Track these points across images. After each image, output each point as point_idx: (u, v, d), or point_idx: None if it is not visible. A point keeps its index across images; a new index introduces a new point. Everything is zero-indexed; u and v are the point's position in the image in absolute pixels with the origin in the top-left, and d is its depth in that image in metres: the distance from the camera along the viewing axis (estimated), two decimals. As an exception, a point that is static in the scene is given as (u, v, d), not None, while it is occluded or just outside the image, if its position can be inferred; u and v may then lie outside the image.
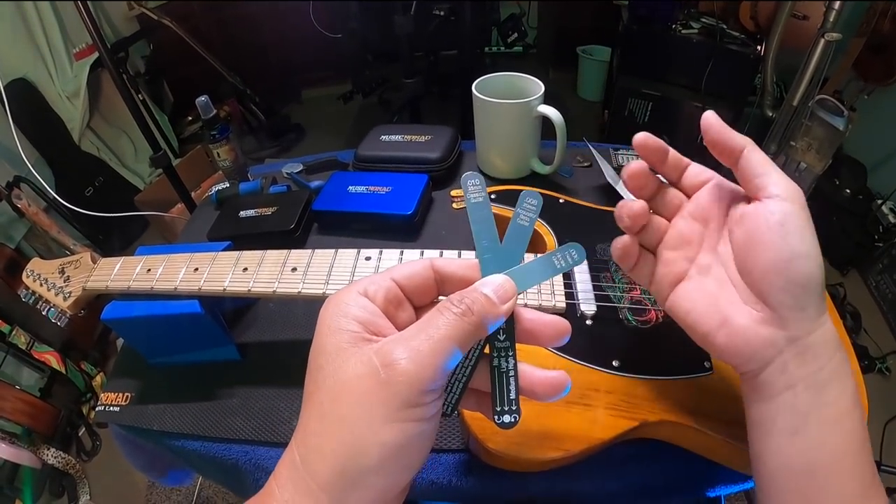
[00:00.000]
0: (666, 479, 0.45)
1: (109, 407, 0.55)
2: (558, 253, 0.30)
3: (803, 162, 1.42)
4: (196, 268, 0.50)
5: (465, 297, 0.27)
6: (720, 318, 0.31)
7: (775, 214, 0.29)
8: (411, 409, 0.24)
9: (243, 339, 0.58)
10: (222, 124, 0.79)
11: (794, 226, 0.29)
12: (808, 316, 0.29)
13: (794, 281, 0.29)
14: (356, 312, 0.27)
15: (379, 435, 0.24)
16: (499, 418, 0.28)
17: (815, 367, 0.29)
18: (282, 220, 0.68)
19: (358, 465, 0.24)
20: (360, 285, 0.28)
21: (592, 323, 0.47)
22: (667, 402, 0.41)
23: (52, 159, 1.90)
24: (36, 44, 1.90)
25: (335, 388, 0.25)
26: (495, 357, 0.29)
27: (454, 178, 0.79)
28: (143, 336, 0.55)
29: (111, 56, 0.98)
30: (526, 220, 0.31)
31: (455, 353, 0.25)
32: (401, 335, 0.26)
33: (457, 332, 0.25)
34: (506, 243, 0.30)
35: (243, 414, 0.52)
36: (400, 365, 0.24)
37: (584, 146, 0.80)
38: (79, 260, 0.55)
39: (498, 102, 0.68)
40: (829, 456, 0.29)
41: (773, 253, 0.29)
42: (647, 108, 1.91)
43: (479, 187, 0.31)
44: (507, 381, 0.28)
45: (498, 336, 0.29)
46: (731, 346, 0.31)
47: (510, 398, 0.28)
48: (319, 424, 0.25)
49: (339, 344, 0.26)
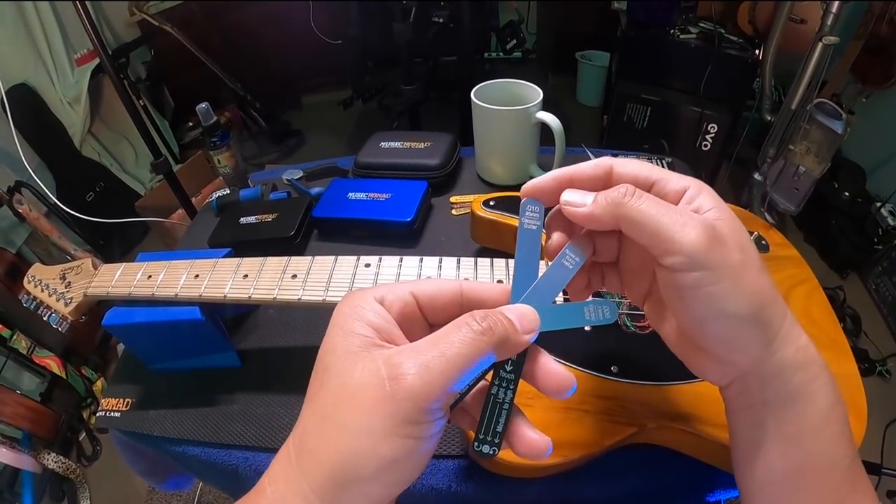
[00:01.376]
0: (665, 484, 0.45)
1: (110, 412, 0.55)
2: (591, 305, 0.29)
3: (802, 165, 1.42)
4: (197, 274, 0.50)
5: (488, 315, 0.26)
6: (679, 348, 0.31)
7: (677, 291, 0.27)
8: (413, 426, 0.24)
9: (244, 346, 0.59)
10: (223, 131, 0.79)
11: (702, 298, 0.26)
12: (749, 354, 0.28)
13: (717, 339, 0.28)
14: (371, 317, 0.26)
15: (377, 448, 0.23)
16: (478, 446, 0.27)
17: (769, 390, 0.28)
18: (282, 226, 0.69)
19: (352, 475, 0.23)
20: (378, 291, 0.28)
21: (591, 329, 0.47)
22: (665, 408, 0.41)
23: (54, 164, 1.91)
24: (37, 49, 1.91)
25: (340, 393, 0.25)
26: (496, 386, 0.28)
27: (453, 184, 0.79)
28: (144, 342, 0.55)
29: (112, 62, 0.99)
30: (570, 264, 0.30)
31: (465, 374, 0.24)
32: (413, 346, 0.25)
33: (471, 351, 0.24)
34: (543, 280, 0.29)
35: (244, 420, 0.52)
36: (406, 380, 0.23)
37: (582, 152, 0.81)
38: (80, 266, 0.55)
39: (497, 109, 0.68)
40: (787, 470, 0.29)
41: (685, 318, 0.28)
42: (646, 113, 1.91)
43: (537, 215, 0.30)
44: (500, 413, 0.27)
45: (505, 366, 0.28)
46: (694, 371, 0.31)
47: (496, 430, 0.27)
48: (319, 426, 0.25)
49: (349, 347, 0.25)
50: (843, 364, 0.45)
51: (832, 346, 0.46)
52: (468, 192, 0.76)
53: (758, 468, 0.30)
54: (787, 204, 1.51)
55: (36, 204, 1.69)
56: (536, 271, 0.29)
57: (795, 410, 0.28)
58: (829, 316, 0.49)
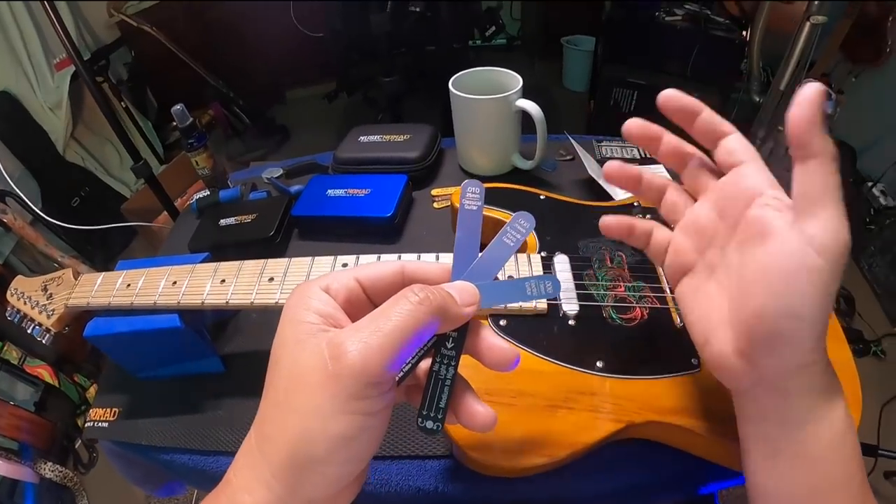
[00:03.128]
0: (656, 479, 0.44)
1: (98, 423, 0.55)
2: (533, 281, 0.30)
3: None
4: (174, 281, 0.49)
5: (425, 288, 0.26)
6: (705, 336, 0.31)
7: (792, 260, 0.26)
8: (358, 402, 0.24)
9: (227, 351, 0.58)
10: (199, 132, 0.78)
11: (806, 283, 0.25)
12: (785, 366, 0.27)
13: (777, 337, 0.27)
14: (317, 306, 0.27)
15: (327, 427, 0.24)
16: (422, 422, 0.28)
17: (787, 407, 0.28)
18: (261, 227, 0.68)
19: (307, 455, 0.24)
20: (322, 281, 0.28)
21: (575, 323, 0.46)
22: (653, 402, 0.40)
23: (38, 171, 1.88)
24: (16, 55, 1.87)
25: (290, 379, 0.25)
26: (437, 363, 0.28)
27: (435, 177, 0.78)
28: (126, 352, 0.55)
29: (90, 65, 0.96)
30: (511, 241, 0.31)
31: (406, 346, 0.25)
32: (354, 325, 0.26)
33: (409, 323, 0.25)
34: (483, 258, 0.30)
35: (230, 426, 0.51)
36: (347, 357, 0.24)
37: (565, 139, 0.80)
38: (61, 276, 0.55)
39: (475, 98, 0.67)
40: (801, 490, 0.29)
41: (767, 300, 0.26)
42: (633, 97, 1.89)
43: (477, 196, 0.31)
44: (443, 389, 0.28)
45: (446, 343, 0.29)
46: (710, 365, 0.31)
47: (439, 406, 0.28)
48: (273, 413, 0.26)
49: (297, 335, 0.26)
50: (837, 349, 0.44)
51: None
52: (450, 184, 0.75)
53: (770, 481, 0.30)
54: (778, 186, 1.51)
55: (21, 213, 1.67)
56: (477, 250, 0.30)
57: (813, 430, 0.28)
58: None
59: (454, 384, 0.28)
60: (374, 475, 0.46)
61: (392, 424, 0.48)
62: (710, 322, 0.30)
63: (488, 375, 0.29)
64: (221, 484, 0.26)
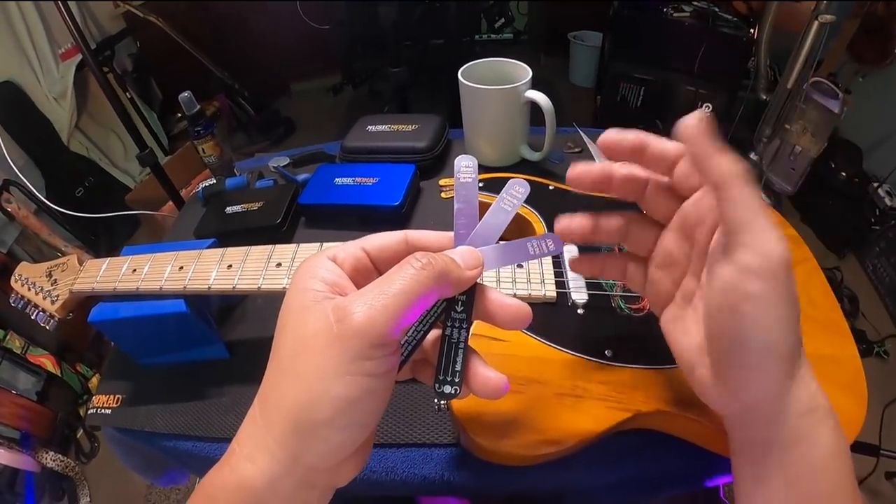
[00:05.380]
0: (663, 470, 0.44)
1: (101, 409, 0.55)
2: (535, 241, 0.30)
3: (798, 145, 1.40)
4: (181, 266, 0.49)
5: (428, 254, 0.27)
6: (690, 364, 0.30)
7: (731, 296, 0.25)
8: (361, 363, 0.24)
9: (232, 337, 0.58)
10: (206, 120, 0.78)
11: (751, 311, 0.25)
12: (762, 392, 0.27)
13: (743, 368, 0.27)
14: (324, 274, 0.27)
15: (330, 388, 0.24)
16: (439, 387, 0.28)
17: (773, 429, 0.28)
18: (268, 214, 0.67)
19: (310, 419, 0.24)
20: (329, 251, 0.29)
21: (584, 312, 0.46)
22: (661, 392, 0.40)
23: (42, 161, 1.88)
24: (21, 46, 1.87)
25: (295, 345, 0.25)
26: (449, 326, 0.29)
27: (443, 167, 0.77)
28: (131, 337, 0.55)
29: (96, 56, 0.96)
30: (508, 206, 0.31)
31: (409, 309, 0.25)
32: (360, 291, 0.26)
33: (412, 286, 0.25)
34: (483, 224, 0.31)
35: (234, 412, 0.51)
36: (352, 319, 0.24)
37: (574, 132, 0.79)
38: (66, 262, 0.55)
39: (484, 89, 0.67)
40: None
41: (722, 336, 0.27)
42: (640, 93, 1.89)
43: (471, 169, 0.32)
44: (457, 352, 0.28)
45: (455, 307, 0.29)
46: (697, 392, 0.31)
47: (455, 369, 0.28)
48: (277, 380, 0.26)
49: (303, 302, 0.26)
50: (843, 346, 0.43)
51: (831, 328, 0.45)
52: (458, 176, 0.75)
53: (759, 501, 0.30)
54: (784, 184, 1.50)
55: (25, 202, 1.67)
56: (476, 218, 0.31)
57: (799, 453, 0.28)
58: (829, 297, 0.48)
59: (467, 347, 0.29)
60: (379, 463, 0.46)
61: (398, 412, 0.48)
62: (692, 351, 0.30)
63: (495, 362, 0.29)
64: (225, 455, 0.27)
